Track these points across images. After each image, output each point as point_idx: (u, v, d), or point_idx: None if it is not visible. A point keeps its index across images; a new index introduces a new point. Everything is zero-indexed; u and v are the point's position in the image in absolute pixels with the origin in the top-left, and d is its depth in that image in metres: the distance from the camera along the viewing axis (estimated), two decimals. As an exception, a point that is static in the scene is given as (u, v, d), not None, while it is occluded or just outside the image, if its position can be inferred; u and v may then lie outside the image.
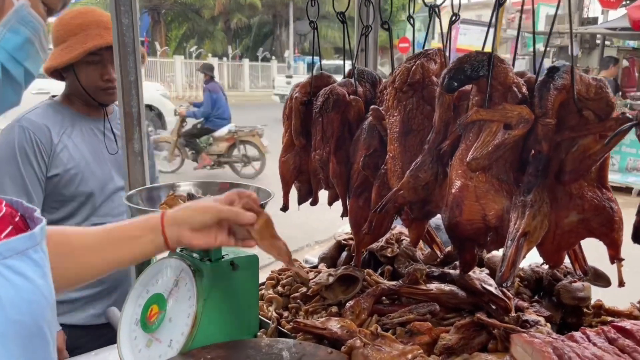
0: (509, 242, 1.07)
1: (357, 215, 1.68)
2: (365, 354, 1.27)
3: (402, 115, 1.40)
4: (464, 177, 1.20)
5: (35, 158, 1.95)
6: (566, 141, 1.12)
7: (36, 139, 1.95)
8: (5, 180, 1.93)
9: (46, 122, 2.01)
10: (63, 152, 2.00)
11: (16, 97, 0.78)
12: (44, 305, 0.73)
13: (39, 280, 0.72)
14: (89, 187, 2.04)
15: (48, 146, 1.97)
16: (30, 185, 1.95)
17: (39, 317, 0.72)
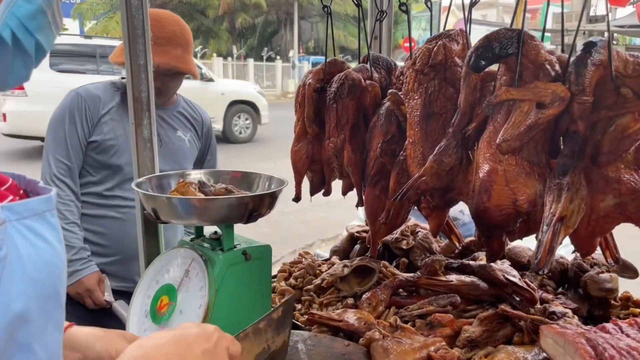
0: (544, 227, 1.01)
1: (374, 204, 1.62)
2: (385, 346, 1.22)
3: (423, 98, 1.34)
4: (493, 160, 1.14)
5: (81, 122, 2.12)
6: (603, 121, 1.05)
7: (86, 105, 2.13)
8: (51, 138, 2.13)
9: (100, 94, 2.19)
10: (107, 123, 2.16)
11: (26, 72, 0.74)
12: (61, 268, 0.72)
13: (56, 244, 0.71)
14: (120, 161, 2.16)
15: (95, 114, 2.14)
16: (71, 147, 2.11)
17: (56, 280, 0.70)
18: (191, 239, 1.57)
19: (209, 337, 0.84)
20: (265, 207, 1.44)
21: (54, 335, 0.70)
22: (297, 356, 1.27)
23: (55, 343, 0.70)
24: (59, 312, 0.72)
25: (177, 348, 0.77)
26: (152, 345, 0.77)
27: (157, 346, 0.76)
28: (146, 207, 1.41)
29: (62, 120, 2.12)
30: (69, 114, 2.13)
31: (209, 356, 0.81)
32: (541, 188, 1.09)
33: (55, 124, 2.15)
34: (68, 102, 2.16)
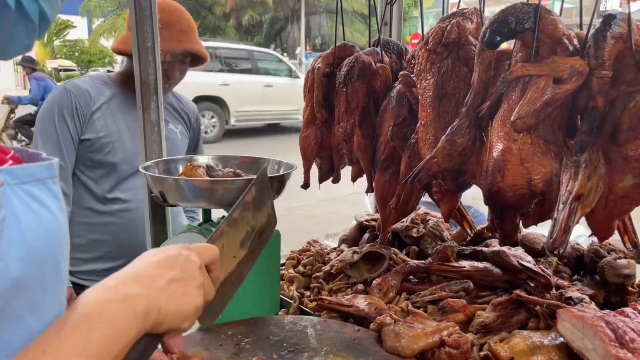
0: (560, 205, 0.98)
1: (384, 190, 1.59)
2: (397, 331, 1.19)
3: (436, 78, 1.31)
4: (507, 139, 1.10)
5: (72, 119, 2.01)
6: (622, 97, 1.02)
7: (76, 101, 2.03)
8: (43, 137, 2.02)
9: (90, 88, 2.09)
10: (99, 119, 2.05)
11: (29, 40, 0.71)
12: (62, 238, 0.68)
13: (57, 212, 0.67)
14: (116, 158, 2.07)
15: (86, 110, 2.04)
16: (64, 144, 2.01)
17: (56, 249, 0.66)
18: (199, 223, 1.55)
19: (173, 263, 0.76)
20: (273, 191, 1.42)
21: (52, 307, 0.66)
22: (306, 341, 1.24)
23: (52, 317, 0.66)
24: (58, 284, 0.68)
25: (137, 287, 0.69)
26: (106, 288, 0.68)
27: (112, 288, 0.68)
28: (153, 190, 1.39)
29: (52, 118, 2.01)
30: (58, 111, 2.02)
31: (175, 283, 0.74)
32: (557, 167, 1.06)
33: (45, 122, 2.03)
34: (56, 98, 2.04)
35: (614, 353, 0.95)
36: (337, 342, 1.23)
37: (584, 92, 1.04)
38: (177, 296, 0.74)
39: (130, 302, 0.68)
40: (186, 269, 0.77)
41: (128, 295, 0.68)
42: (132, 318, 0.67)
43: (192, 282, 0.77)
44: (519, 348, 1.08)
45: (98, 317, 0.64)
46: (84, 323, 0.63)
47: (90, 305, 0.65)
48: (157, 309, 0.70)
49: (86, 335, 0.62)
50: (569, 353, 1.06)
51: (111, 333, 0.64)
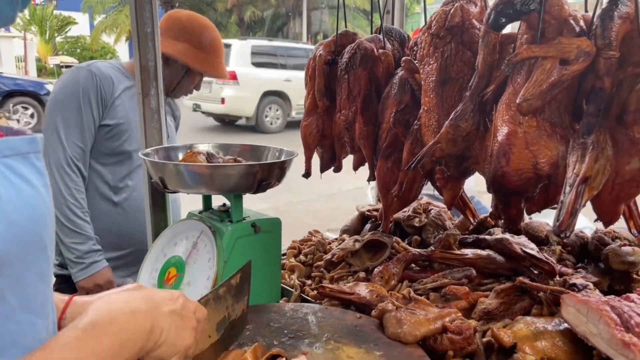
0: (567, 188, 0.96)
1: (386, 177, 1.57)
2: (399, 317, 1.18)
3: (439, 62, 1.29)
4: (512, 122, 1.09)
5: (96, 103, 1.98)
6: (629, 78, 1.00)
7: (101, 85, 1.99)
8: (65, 119, 1.97)
9: (112, 74, 2.06)
10: (120, 106, 2.03)
11: (12, 12, 0.71)
12: (46, 214, 0.66)
13: (41, 188, 0.66)
14: (131, 147, 2.06)
15: (109, 96, 2.01)
16: (87, 126, 1.98)
17: (40, 225, 0.64)
18: (199, 211, 1.54)
19: (176, 299, 0.82)
20: (274, 177, 1.40)
21: (35, 286, 0.65)
22: (307, 327, 1.23)
23: (35, 294, 0.65)
24: (43, 262, 0.66)
25: (145, 305, 0.75)
26: (117, 300, 0.74)
27: (125, 302, 0.73)
28: (153, 176, 1.38)
29: (76, 99, 1.95)
30: (84, 91, 1.96)
31: (176, 316, 0.80)
32: (563, 150, 1.04)
33: (68, 103, 1.96)
34: (81, 80, 1.97)
35: (619, 337, 0.94)
36: (338, 329, 1.22)
37: (591, 74, 1.02)
38: (176, 327, 0.78)
39: (140, 317, 0.72)
40: (185, 309, 0.83)
41: (138, 311, 0.72)
42: (139, 332, 0.71)
43: (189, 321, 0.83)
44: (522, 334, 1.07)
45: (108, 325, 0.67)
46: (93, 329, 0.65)
47: (102, 313, 0.68)
48: (160, 330, 0.74)
49: (94, 340, 0.64)
50: (573, 338, 1.05)
51: (118, 343, 0.66)
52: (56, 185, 1.90)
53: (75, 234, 1.95)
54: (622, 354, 0.94)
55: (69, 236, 1.94)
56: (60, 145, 1.95)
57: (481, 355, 1.11)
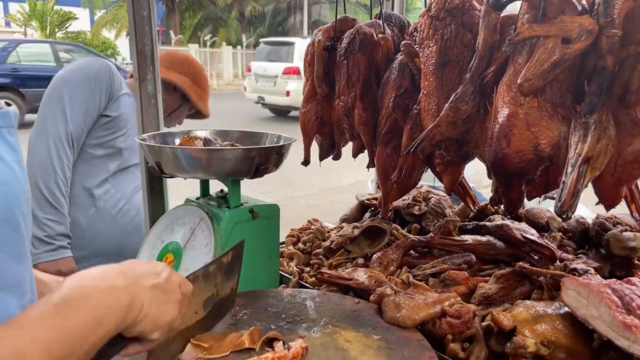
0: (569, 168, 0.95)
1: (385, 163, 1.56)
2: (397, 302, 1.16)
3: (439, 45, 1.28)
4: (513, 103, 1.07)
5: (105, 92, 2.00)
6: (632, 57, 0.99)
7: (113, 78, 2.03)
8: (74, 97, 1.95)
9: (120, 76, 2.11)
10: (122, 100, 2.06)
11: None
12: (19, 192, 0.64)
13: (14, 165, 0.64)
14: (124, 144, 2.06)
15: (117, 90, 2.04)
16: (91, 110, 1.98)
17: (12, 203, 0.62)
18: (197, 197, 1.52)
19: (159, 273, 0.79)
20: (271, 162, 1.39)
21: (7, 264, 0.63)
22: (305, 312, 1.22)
23: (9, 273, 0.63)
24: (16, 240, 0.64)
25: (123, 280, 0.71)
26: (94, 276, 0.69)
27: (99, 277, 0.69)
28: (150, 160, 1.37)
29: (88, 83, 1.96)
30: (97, 80, 1.97)
31: (159, 290, 0.76)
32: (565, 130, 1.02)
33: (80, 82, 1.96)
34: (96, 67, 2.00)
35: (620, 319, 0.92)
36: (336, 314, 1.21)
37: (593, 53, 1.01)
38: (158, 302, 0.76)
39: (116, 293, 0.68)
40: (169, 282, 0.80)
41: (114, 287, 0.69)
42: (115, 309, 0.67)
43: (173, 295, 0.80)
44: (522, 317, 1.05)
45: (81, 301, 0.64)
46: (66, 305, 0.62)
47: (75, 289, 0.65)
48: (139, 306, 0.71)
49: (65, 316, 0.61)
50: (573, 322, 1.04)
51: (91, 319, 0.63)
52: (48, 156, 1.84)
53: (54, 210, 1.86)
54: (623, 335, 0.93)
55: (45, 211, 1.85)
56: (63, 119, 1.92)
57: (480, 339, 1.09)
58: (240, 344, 1.02)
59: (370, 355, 1.01)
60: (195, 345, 0.99)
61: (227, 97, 18.91)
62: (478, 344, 1.09)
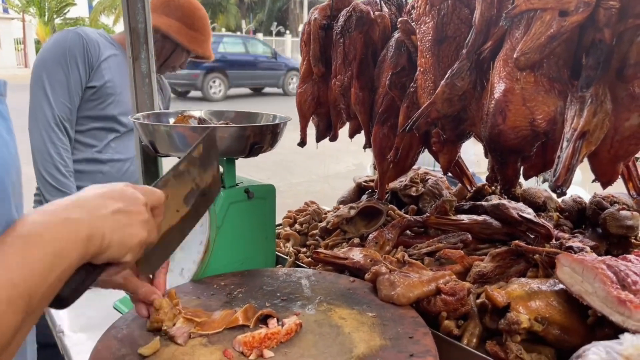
0: (564, 143, 0.93)
1: (382, 143, 1.55)
2: (392, 280, 1.16)
3: (436, 21, 1.26)
4: (509, 79, 1.06)
5: (83, 63, 1.97)
6: (630, 30, 0.97)
7: (87, 46, 1.99)
8: (51, 78, 1.95)
9: (98, 40, 2.06)
10: (106, 69, 2.03)
11: None
12: (7, 160, 0.63)
13: (4, 133, 0.63)
14: (116, 111, 2.05)
15: (95, 58, 2.00)
16: (74, 87, 1.97)
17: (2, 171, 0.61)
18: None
19: (120, 195, 0.75)
20: (266, 141, 1.38)
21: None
22: (300, 290, 1.22)
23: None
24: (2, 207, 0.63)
25: (79, 212, 0.68)
26: (49, 211, 0.66)
27: (54, 212, 0.66)
28: (144, 139, 1.35)
29: (63, 58, 1.94)
30: (70, 53, 1.95)
31: (120, 215, 0.73)
32: (562, 105, 1.01)
33: (54, 62, 1.95)
34: (67, 41, 1.97)
35: (615, 294, 0.92)
36: (331, 292, 1.20)
37: (590, 28, 0.99)
38: (121, 226, 0.73)
39: (72, 225, 0.66)
40: (132, 203, 0.77)
41: (69, 219, 0.66)
42: (74, 241, 0.65)
43: (138, 216, 0.77)
44: (516, 294, 1.05)
45: (37, 236, 0.62)
46: (21, 242, 0.60)
47: (29, 226, 0.63)
48: (100, 236, 0.69)
49: (23, 253, 0.59)
50: (568, 298, 1.03)
51: (50, 253, 0.62)
52: (43, 144, 1.89)
53: (58, 192, 1.93)
54: (618, 311, 0.92)
55: (52, 194, 1.92)
56: (48, 104, 1.93)
57: (475, 316, 1.09)
58: (234, 321, 1.02)
59: (364, 331, 1.01)
60: (187, 319, 0.99)
61: (227, 83, 18.87)
62: (472, 321, 1.09)
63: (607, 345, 0.82)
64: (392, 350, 0.94)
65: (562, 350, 1.00)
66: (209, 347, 0.95)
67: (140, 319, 1.05)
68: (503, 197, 1.55)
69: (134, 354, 0.94)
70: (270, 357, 0.92)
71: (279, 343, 0.96)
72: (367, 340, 0.97)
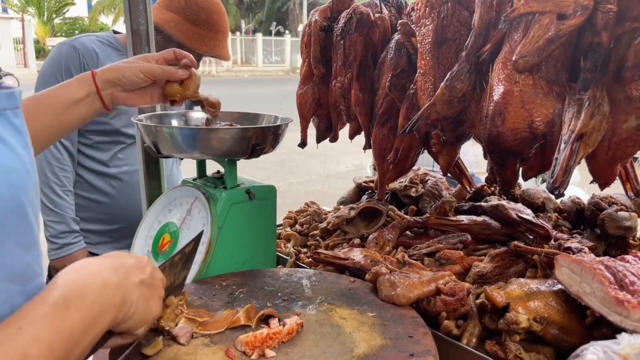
0: (562, 145, 0.95)
1: (382, 144, 1.56)
2: (392, 280, 1.17)
3: (436, 23, 1.27)
4: (508, 81, 1.07)
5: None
6: (628, 33, 0.98)
7: (84, 60, 1.92)
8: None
9: (98, 49, 1.98)
10: None
11: None
12: (25, 178, 0.61)
13: (20, 150, 0.61)
14: (120, 124, 1.99)
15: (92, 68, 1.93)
16: None
17: (18, 190, 0.59)
18: (193, 178, 1.53)
19: (144, 267, 0.79)
20: (268, 143, 1.39)
21: (13, 252, 0.60)
22: (301, 291, 1.23)
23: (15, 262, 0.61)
24: (25, 228, 0.62)
25: (116, 276, 0.71)
26: (90, 272, 0.68)
27: (95, 274, 0.68)
28: (146, 140, 1.36)
29: (59, 75, 1.88)
30: (65, 68, 1.89)
31: (144, 286, 0.77)
32: (560, 108, 1.02)
33: (50, 78, 1.88)
34: (63, 55, 1.91)
35: (612, 295, 0.93)
36: (332, 292, 1.21)
37: (589, 31, 1.00)
38: (145, 298, 0.76)
39: (110, 291, 0.68)
40: (154, 278, 0.80)
41: (108, 284, 0.68)
42: (110, 306, 0.67)
43: (157, 291, 0.81)
44: (515, 294, 1.06)
45: (79, 300, 0.63)
46: (63, 304, 0.61)
47: (71, 287, 0.64)
48: (130, 303, 0.71)
49: (64, 316, 0.60)
50: (566, 298, 1.04)
51: (89, 317, 0.63)
52: (39, 163, 1.87)
53: (52, 212, 1.93)
54: (616, 311, 0.93)
55: (46, 214, 1.93)
56: None
57: (474, 316, 1.10)
58: (236, 321, 1.03)
59: (364, 331, 1.02)
60: (189, 319, 1.00)
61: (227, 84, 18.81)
62: (472, 321, 1.10)
63: (604, 345, 0.83)
64: (392, 350, 0.95)
65: (561, 349, 1.01)
66: (211, 347, 0.96)
67: None
68: (502, 198, 1.56)
69: (136, 353, 0.95)
70: (272, 357, 0.93)
71: (280, 343, 0.97)
72: (368, 340, 0.98)
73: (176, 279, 1.04)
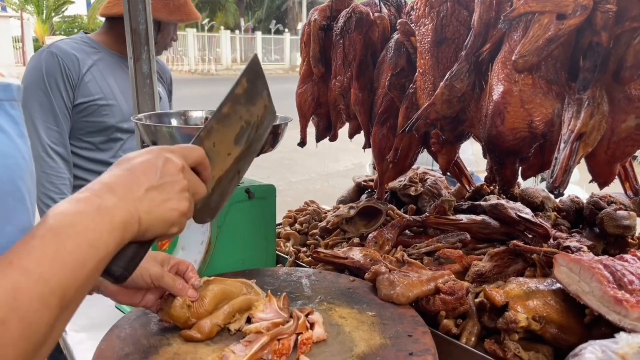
0: (561, 144, 0.95)
1: (381, 143, 1.56)
2: (391, 279, 1.18)
3: (435, 23, 1.27)
4: (508, 81, 1.07)
5: (64, 84, 1.91)
6: (627, 33, 0.98)
7: (64, 65, 1.92)
8: (34, 105, 1.90)
9: (76, 51, 1.99)
10: (91, 82, 1.97)
11: None
12: (22, 164, 0.62)
13: (17, 138, 0.62)
14: (114, 120, 1.99)
15: (75, 74, 1.93)
16: (59, 110, 1.91)
17: (15, 175, 0.60)
18: (193, 177, 1.53)
19: (150, 168, 0.71)
20: (267, 142, 1.39)
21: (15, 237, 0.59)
22: (300, 290, 1.23)
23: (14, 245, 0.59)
24: (21, 212, 0.62)
25: (111, 199, 0.64)
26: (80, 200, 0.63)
27: (86, 201, 0.63)
28: (146, 139, 1.36)
29: (42, 85, 1.89)
30: (48, 76, 1.90)
31: (154, 192, 0.70)
32: (559, 107, 1.02)
33: (35, 89, 1.90)
34: (42, 63, 1.92)
35: (611, 294, 0.93)
36: (331, 291, 1.22)
37: (588, 30, 1.00)
38: (157, 204, 0.69)
39: (106, 213, 0.63)
40: (166, 174, 0.72)
41: (102, 207, 0.63)
42: (109, 230, 0.63)
43: (174, 187, 0.72)
44: (514, 293, 1.06)
45: (69, 228, 0.59)
46: (53, 234, 0.58)
47: (60, 217, 0.60)
48: (136, 220, 0.66)
49: (55, 246, 0.57)
50: (565, 298, 1.05)
51: (84, 244, 0.60)
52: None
53: None
54: (614, 310, 0.94)
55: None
56: (35, 133, 1.90)
57: (473, 315, 1.11)
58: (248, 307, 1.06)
59: (364, 330, 1.03)
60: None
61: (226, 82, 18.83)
62: (471, 320, 1.10)
63: (603, 344, 0.83)
64: (391, 349, 0.95)
65: (559, 348, 1.02)
66: (210, 346, 0.97)
67: (142, 318, 1.06)
68: (501, 197, 1.56)
69: (137, 352, 0.95)
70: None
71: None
72: (367, 339, 0.99)
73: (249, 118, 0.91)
